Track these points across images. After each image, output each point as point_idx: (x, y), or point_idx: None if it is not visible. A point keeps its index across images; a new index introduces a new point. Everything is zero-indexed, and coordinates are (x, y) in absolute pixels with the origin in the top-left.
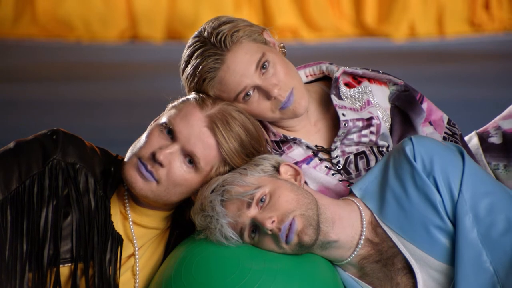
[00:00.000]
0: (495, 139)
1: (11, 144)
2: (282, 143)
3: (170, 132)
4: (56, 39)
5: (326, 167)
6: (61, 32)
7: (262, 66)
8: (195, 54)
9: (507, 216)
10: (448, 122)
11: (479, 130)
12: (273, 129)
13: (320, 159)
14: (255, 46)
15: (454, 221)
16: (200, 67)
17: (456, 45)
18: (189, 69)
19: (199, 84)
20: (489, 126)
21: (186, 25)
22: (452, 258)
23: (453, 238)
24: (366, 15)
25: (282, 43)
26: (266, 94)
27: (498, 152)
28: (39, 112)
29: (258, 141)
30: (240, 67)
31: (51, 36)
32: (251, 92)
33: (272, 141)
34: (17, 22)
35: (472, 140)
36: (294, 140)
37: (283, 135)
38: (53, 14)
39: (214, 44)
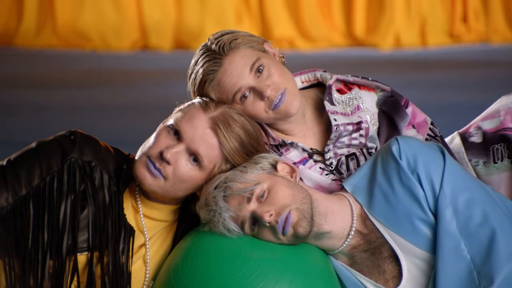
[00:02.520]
0: (475, 138)
1: (33, 144)
2: (280, 146)
3: (176, 133)
4: (74, 49)
5: (320, 168)
6: (78, 43)
7: (258, 69)
8: (199, 61)
9: (483, 210)
10: (431, 124)
11: (460, 131)
12: (273, 134)
13: (315, 161)
14: (251, 52)
15: (435, 214)
16: (201, 70)
17: (437, 55)
18: (193, 74)
19: (201, 86)
20: (470, 126)
21: (192, 36)
22: (434, 247)
23: (435, 229)
24: (355, 27)
25: (282, 54)
26: (260, 94)
27: (478, 150)
28: (59, 115)
29: (257, 141)
30: (236, 69)
31: (69, 46)
32: (247, 93)
33: (271, 145)
34: (39, 33)
35: (455, 139)
36: (292, 144)
37: (282, 139)
38: (72, 26)
39: (214, 50)
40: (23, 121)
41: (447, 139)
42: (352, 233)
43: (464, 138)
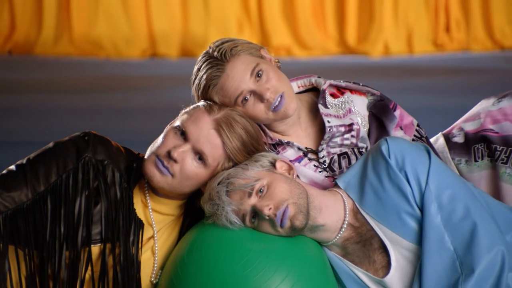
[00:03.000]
0: (458, 139)
1: (51, 144)
2: (277, 145)
3: (182, 133)
4: (89, 57)
5: (314, 165)
6: (93, 51)
7: (257, 74)
8: (202, 67)
9: (465, 205)
10: (418, 126)
11: (444, 132)
12: (270, 134)
13: (309, 159)
14: (250, 58)
15: (421, 208)
16: (205, 76)
17: (423, 62)
18: (197, 79)
19: (205, 91)
20: (453, 128)
21: (197, 45)
22: (420, 239)
23: (421, 223)
24: (347, 36)
25: (277, 59)
26: (260, 97)
27: (460, 149)
28: (74, 117)
29: (257, 141)
30: (238, 74)
31: (84, 55)
32: (248, 96)
33: (269, 144)
34: (56, 43)
35: (439, 140)
36: (288, 143)
37: (279, 139)
38: (87, 36)
39: (216, 57)
40: (42, 123)
41: (432, 140)
42: (345, 226)
43: (448, 138)
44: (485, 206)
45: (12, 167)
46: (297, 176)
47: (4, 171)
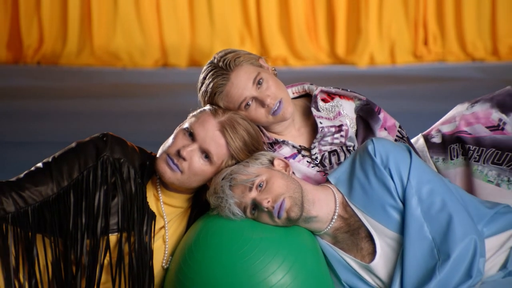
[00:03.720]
0: (436, 139)
1: (73, 144)
2: (274, 144)
3: (191, 134)
4: (108, 67)
5: (307, 161)
6: (111, 62)
7: (258, 82)
8: (208, 76)
9: (442, 198)
10: (400, 127)
11: (424, 133)
12: (268, 134)
13: (303, 156)
14: (252, 68)
15: (403, 202)
16: (211, 84)
17: (404, 71)
18: (203, 87)
19: (212, 97)
20: (431, 130)
21: (203, 55)
22: (402, 229)
23: (403, 214)
24: (337, 48)
25: (274, 68)
26: (261, 102)
27: (438, 149)
28: (94, 120)
29: (258, 141)
30: (241, 83)
31: (104, 65)
32: (250, 102)
33: (267, 143)
34: (79, 54)
35: (419, 140)
36: (283, 142)
37: (275, 138)
38: (106, 48)
39: (221, 67)
40: (65, 125)
41: (412, 140)
42: (335, 217)
43: (427, 139)
44: (460, 199)
45: (39, 164)
46: (293, 172)
47: (33, 168)
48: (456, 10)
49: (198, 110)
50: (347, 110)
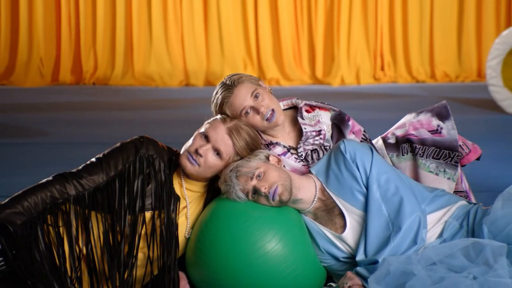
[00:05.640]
0: (391, 140)
1: (118, 144)
2: (269, 145)
3: (206, 137)
4: (144, 86)
5: (295, 158)
6: (147, 82)
7: (255, 96)
8: (218, 91)
9: (395, 185)
10: (364, 132)
11: (382, 136)
12: (264, 137)
13: (291, 153)
14: (251, 85)
15: (367, 187)
16: (220, 97)
17: (366, 89)
18: (215, 100)
19: (221, 107)
20: (388, 133)
21: (216, 77)
22: (366, 207)
23: (366, 197)
24: (317, 72)
25: (270, 87)
26: (257, 111)
27: (393, 148)
28: (134, 126)
29: (257, 142)
30: (242, 95)
31: (142, 85)
32: (249, 111)
33: (264, 143)
34: (124, 76)
35: (379, 141)
36: (276, 143)
37: (270, 140)
38: (143, 72)
39: (228, 84)
40: (112, 130)
41: (374, 141)
42: (316, 199)
43: (384, 140)
44: (408, 185)
45: (93, 159)
46: (284, 166)
47: (88, 162)
48: (404, 44)
49: (212, 119)
50: (324, 119)
